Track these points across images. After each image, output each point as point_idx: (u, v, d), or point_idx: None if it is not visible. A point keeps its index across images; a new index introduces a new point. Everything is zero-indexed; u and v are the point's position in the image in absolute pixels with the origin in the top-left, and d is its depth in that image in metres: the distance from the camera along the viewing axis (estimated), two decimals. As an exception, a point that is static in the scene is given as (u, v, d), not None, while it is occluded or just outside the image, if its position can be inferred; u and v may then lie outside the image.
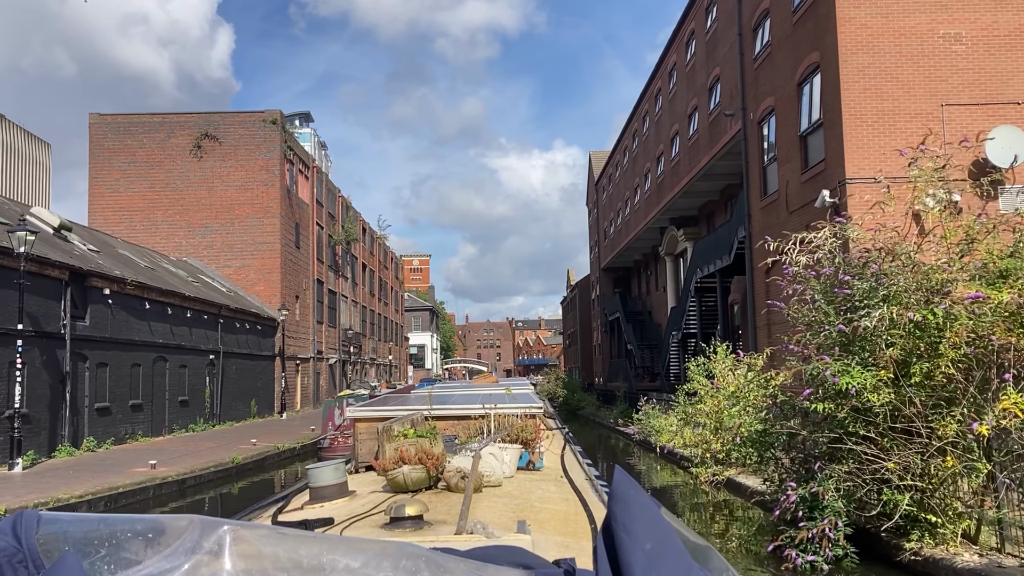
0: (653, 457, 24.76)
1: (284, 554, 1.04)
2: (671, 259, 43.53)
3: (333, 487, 8.55)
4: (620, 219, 52.11)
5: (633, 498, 1.06)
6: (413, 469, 8.23)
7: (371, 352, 69.18)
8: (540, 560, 1.15)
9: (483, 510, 6.98)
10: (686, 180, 34.21)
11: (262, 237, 42.64)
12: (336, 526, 6.68)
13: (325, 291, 52.71)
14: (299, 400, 45.48)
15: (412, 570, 1.03)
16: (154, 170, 42.84)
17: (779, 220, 23.40)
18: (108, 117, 43.32)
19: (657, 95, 40.25)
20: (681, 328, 36.06)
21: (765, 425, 11.32)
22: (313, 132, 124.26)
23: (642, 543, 1.01)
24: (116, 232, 39.94)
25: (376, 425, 10.77)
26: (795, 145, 22.16)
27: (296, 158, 46.52)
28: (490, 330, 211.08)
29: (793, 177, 22.31)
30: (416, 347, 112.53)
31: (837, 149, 19.54)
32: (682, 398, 23.56)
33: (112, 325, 24.49)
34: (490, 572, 1.07)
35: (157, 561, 1.01)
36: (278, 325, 41.23)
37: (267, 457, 23.46)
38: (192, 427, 30.42)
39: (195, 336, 31.17)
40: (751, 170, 25.91)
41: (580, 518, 7.43)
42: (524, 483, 9.12)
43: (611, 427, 36.45)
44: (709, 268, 31.03)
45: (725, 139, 28.69)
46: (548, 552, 3.44)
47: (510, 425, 11.45)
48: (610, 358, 57.72)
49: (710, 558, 1.09)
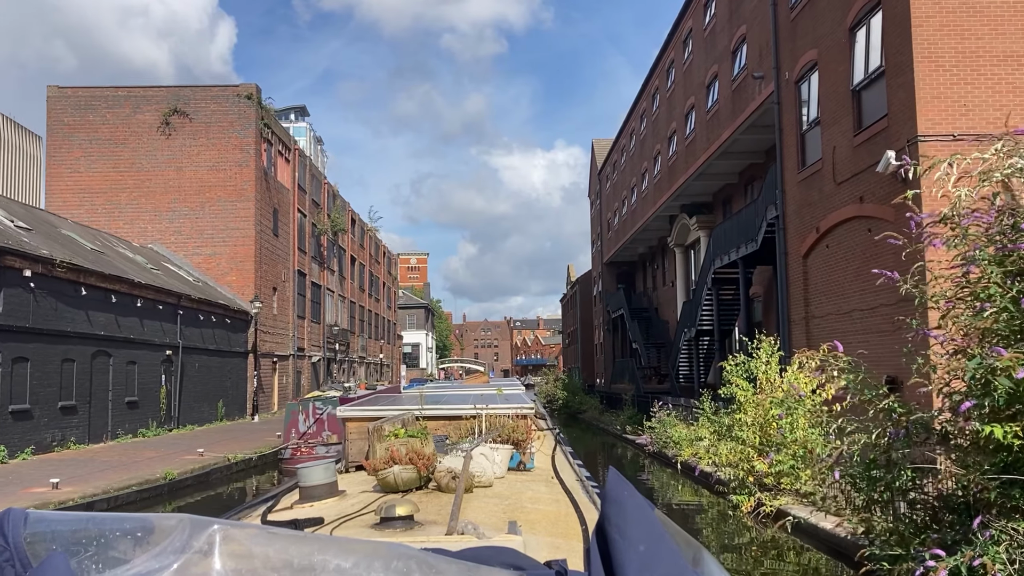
0: (670, 473, 21.11)
1: (275, 554, 1.04)
2: (681, 250, 39.91)
3: (323, 487, 8.22)
4: (625, 209, 48.45)
5: (627, 499, 1.06)
6: (404, 469, 8.07)
7: (360, 350, 65.47)
8: (531, 561, 1.17)
9: (474, 510, 6.83)
10: (703, 159, 30.56)
11: (235, 223, 38.90)
12: (326, 526, 6.41)
13: (308, 284, 48.98)
14: (276, 401, 41.77)
15: (403, 571, 1.03)
16: (118, 148, 39.08)
17: (822, 194, 19.77)
18: (68, 90, 39.55)
19: (669, 68, 36.57)
20: (695, 324, 32.42)
21: (875, 453, 7.64)
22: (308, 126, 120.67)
23: (636, 544, 1.01)
24: (76, 216, 36.22)
25: (366, 425, 10.64)
26: (845, 102, 18.53)
27: (275, 137, 42.78)
28: (488, 329, 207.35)
29: (842, 141, 18.68)
30: (410, 346, 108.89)
31: (905, 100, 15.91)
32: (706, 404, 19.95)
33: (35, 313, 20.81)
34: (482, 573, 1.07)
35: (146, 560, 1.01)
36: (251, 319, 37.54)
37: (214, 471, 19.80)
38: (143, 432, 26.74)
39: (148, 329, 27.48)
40: (785, 139, 22.26)
41: (571, 519, 7.17)
42: (515, 484, 8.90)
43: (617, 434, 32.75)
44: (730, 256, 27.39)
45: (752, 107, 25.05)
46: (539, 553, 3.92)
47: (501, 426, 11.07)
48: (613, 358, 54.06)
49: (703, 560, 1.08)
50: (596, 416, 42.74)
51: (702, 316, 31.90)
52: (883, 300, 16.88)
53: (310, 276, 49.54)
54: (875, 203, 17.11)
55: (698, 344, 33.51)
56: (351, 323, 61.99)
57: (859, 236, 18.02)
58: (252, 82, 40.21)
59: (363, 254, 67.30)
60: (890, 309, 16.69)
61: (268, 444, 24.07)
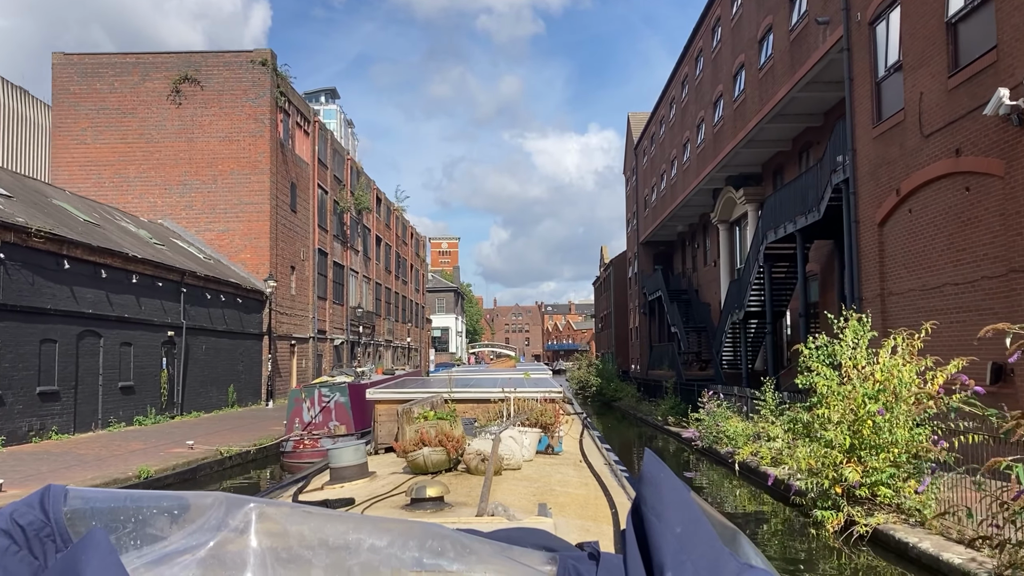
0: (722, 472, 18.44)
1: (309, 532, 1.05)
2: (725, 227, 36.99)
3: (353, 468, 8.20)
4: (664, 184, 45.50)
5: (664, 481, 1.04)
6: (433, 451, 7.89)
7: (386, 334, 63.18)
8: (564, 543, 1.15)
9: (503, 492, 6.72)
10: (754, 122, 27.64)
11: (248, 196, 36.56)
12: (357, 506, 6.29)
13: (329, 263, 46.66)
14: (294, 386, 39.53)
15: (438, 550, 1.03)
16: (126, 118, 36.86)
17: (904, 150, 16.89)
18: (75, 57, 37.37)
19: (715, 26, 33.56)
20: (743, 306, 29.58)
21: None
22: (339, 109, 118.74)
23: (672, 527, 0.99)
24: (83, 190, 34.18)
25: (396, 407, 10.61)
26: (937, 39, 15.62)
27: (292, 108, 40.35)
28: (519, 314, 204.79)
29: (932, 85, 15.78)
30: (440, 330, 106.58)
31: (1021, 25, 13.02)
32: (769, 395, 17.22)
33: (6, 288, 18.57)
34: (516, 553, 1.06)
35: (183, 537, 1.02)
36: (266, 299, 35.28)
37: (202, 466, 17.45)
38: (140, 420, 24.54)
39: (146, 307, 25.24)
40: (856, 91, 19.35)
41: (600, 502, 6.95)
42: (543, 467, 8.70)
43: (657, 426, 30.05)
44: (785, 229, 24.52)
45: (814, 58, 22.14)
46: (569, 535, 3.86)
47: (529, 409, 10.96)
48: (650, 343, 51.25)
49: (739, 543, 1.07)
50: (633, 405, 40.01)
51: (751, 297, 29.06)
52: (986, 271, 14.04)
53: (332, 255, 47.23)
54: (978, 155, 14.24)
55: (745, 328, 30.67)
56: (376, 305, 59.71)
57: (953, 196, 15.16)
58: (269, 49, 37.75)
59: (389, 234, 64.92)
60: (995, 283, 13.85)
61: (273, 435, 21.74)
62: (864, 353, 11.54)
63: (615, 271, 68.47)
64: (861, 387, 10.81)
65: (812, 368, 11.44)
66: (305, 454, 18.76)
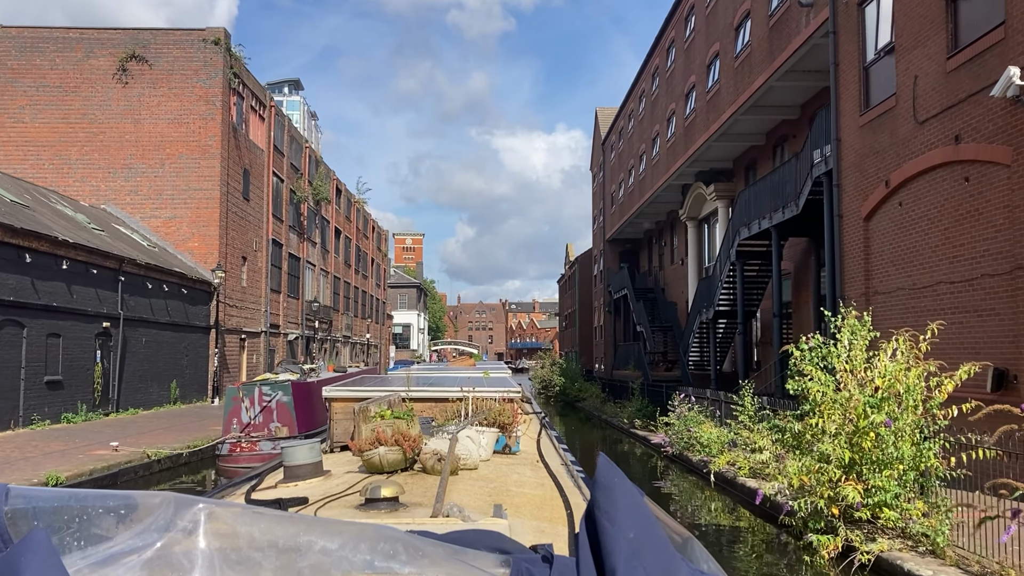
0: (694, 481, 17.17)
1: (260, 534, 1.02)
2: (694, 224, 35.91)
3: (308, 466, 8.13)
4: (632, 179, 44.32)
5: (617, 485, 1.03)
6: (389, 450, 7.86)
7: (344, 329, 61.35)
8: (517, 545, 1.14)
9: (459, 493, 6.68)
10: (728, 113, 26.47)
11: (198, 182, 34.65)
12: (310, 506, 6.20)
13: (284, 255, 44.81)
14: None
15: (390, 553, 1.01)
16: (69, 96, 34.75)
17: (895, 139, 15.73)
18: (13, 30, 35.12)
19: (688, 15, 32.37)
20: (712, 304, 28.41)
21: None
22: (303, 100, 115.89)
23: (625, 531, 0.98)
24: (20, 172, 32.15)
25: (352, 405, 10.46)
26: (935, 16, 14.46)
27: (247, 90, 38.48)
28: (483, 312, 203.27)
29: (929, 67, 14.62)
30: (401, 326, 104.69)
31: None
32: (747, 400, 15.98)
33: (-90, 270, 16.76)
34: (468, 556, 1.05)
35: (129, 538, 0.99)
36: (214, 290, 33.45)
37: (125, 471, 15.76)
38: (68, 417, 22.70)
39: (78, 296, 23.40)
40: (842, 76, 18.19)
41: (556, 503, 6.90)
42: (500, 467, 8.66)
43: (623, 429, 28.76)
44: (760, 224, 23.36)
45: (796, 43, 20.98)
46: (524, 537, 4.00)
47: (488, 409, 10.76)
48: (615, 342, 50.09)
49: (693, 548, 1.06)
50: (597, 406, 38.74)
51: (721, 296, 27.91)
52: (987, 268, 12.88)
53: (287, 247, 45.40)
54: (980, 142, 13.09)
55: (714, 328, 29.52)
56: (334, 300, 57.88)
57: (951, 188, 14.01)
58: (223, 28, 35.88)
59: (349, 227, 63.07)
60: (998, 281, 12.68)
61: (212, 435, 20.07)
62: (863, 356, 10.29)
63: (580, 269, 67.29)
64: (861, 394, 9.54)
65: (805, 372, 10.14)
66: (242, 458, 17.17)
